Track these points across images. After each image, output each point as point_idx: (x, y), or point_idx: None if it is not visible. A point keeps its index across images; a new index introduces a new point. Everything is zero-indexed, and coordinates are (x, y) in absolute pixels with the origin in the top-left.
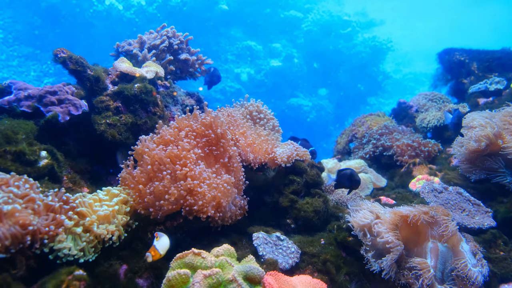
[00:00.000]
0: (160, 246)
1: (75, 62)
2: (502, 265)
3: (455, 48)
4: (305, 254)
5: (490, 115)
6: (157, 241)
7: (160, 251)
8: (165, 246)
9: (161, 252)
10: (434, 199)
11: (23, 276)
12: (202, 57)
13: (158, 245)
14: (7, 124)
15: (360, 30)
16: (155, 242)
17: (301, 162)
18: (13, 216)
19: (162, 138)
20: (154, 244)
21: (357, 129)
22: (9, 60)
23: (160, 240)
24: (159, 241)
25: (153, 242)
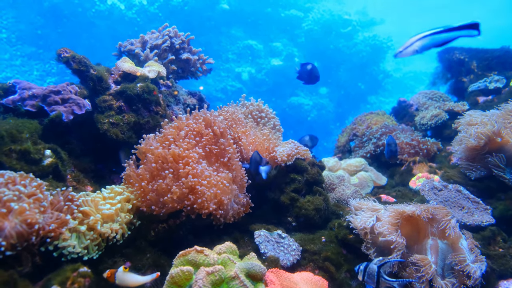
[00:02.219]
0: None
1: (78, 61)
2: (501, 262)
3: (454, 47)
4: (306, 252)
5: (490, 113)
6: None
7: (116, 279)
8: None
9: (116, 281)
10: (434, 197)
11: (29, 272)
12: (203, 56)
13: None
14: (12, 123)
15: (360, 29)
16: (120, 270)
17: (302, 161)
18: (20, 214)
19: (165, 137)
20: (118, 270)
21: (357, 127)
22: (12, 59)
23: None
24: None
25: (120, 268)
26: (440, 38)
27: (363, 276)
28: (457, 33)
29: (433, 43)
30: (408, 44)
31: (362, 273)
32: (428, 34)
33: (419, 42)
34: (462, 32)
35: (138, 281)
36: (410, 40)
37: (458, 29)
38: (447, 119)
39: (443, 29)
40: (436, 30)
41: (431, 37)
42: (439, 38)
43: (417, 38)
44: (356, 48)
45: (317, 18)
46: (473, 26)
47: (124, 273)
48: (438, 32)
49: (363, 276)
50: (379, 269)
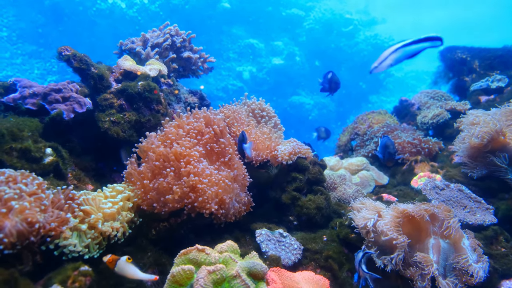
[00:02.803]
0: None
1: (79, 60)
2: (504, 261)
3: (457, 46)
4: (308, 251)
5: (492, 112)
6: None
7: (117, 267)
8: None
9: (116, 268)
10: (436, 196)
11: (29, 271)
12: (204, 55)
13: (121, 263)
14: (12, 122)
15: (362, 28)
16: (123, 259)
17: (303, 160)
18: (21, 213)
19: (166, 136)
20: (121, 259)
21: (359, 126)
22: (13, 58)
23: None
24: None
25: (123, 257)
26: (411, 50)
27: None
28: (424, 44)
29: (405, 55)
30: (383, 59)
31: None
32: (400, 46)
33: (393, 55)
34: (428, 43)
35: (137, 275)
36: (383, 54)
37: (425, 40)
38: (449, 118)
39: (411, 41)
40: (406, 43)
41: (403, 50)
42: (409, 50)
43: (390, 51)
44: (357, 47)
45: (319, 17)
46: (437, 38)
47: (126, 263)
48: (408, 44)
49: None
50: (361, 258)
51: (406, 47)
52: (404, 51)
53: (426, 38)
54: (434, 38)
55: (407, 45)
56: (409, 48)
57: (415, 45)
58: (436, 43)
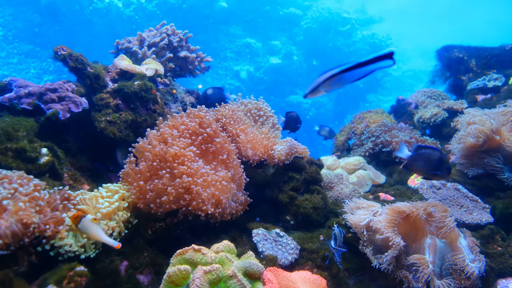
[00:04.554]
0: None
1: (75, 59)
2: (500, 260)
3: (453, 45)
4: (305, 250)
5: (488, 112)
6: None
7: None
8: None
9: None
10: (432, 195)
11: (25, 272)
12: (201, 54)
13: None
14: (7, 121)
15: (359, 27)
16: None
17: (300, 159)
18: (16, 213)
19: (162, 136)
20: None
21: (356, 126)
22: (9, 57)
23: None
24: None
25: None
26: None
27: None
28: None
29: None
30: (316, 85)
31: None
32: (338, 72)
33: (327, 82)
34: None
35: (100, 237)
36: (318, 80)
37: (372, 62)
38: (446, 117)
39: (353, 65)
40: (347, 67)
41: (341, 76)
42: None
43: (325, 77)
44: (354, 46)
45: (316, 16)
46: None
47: (91, 222)
48: (348, 69)
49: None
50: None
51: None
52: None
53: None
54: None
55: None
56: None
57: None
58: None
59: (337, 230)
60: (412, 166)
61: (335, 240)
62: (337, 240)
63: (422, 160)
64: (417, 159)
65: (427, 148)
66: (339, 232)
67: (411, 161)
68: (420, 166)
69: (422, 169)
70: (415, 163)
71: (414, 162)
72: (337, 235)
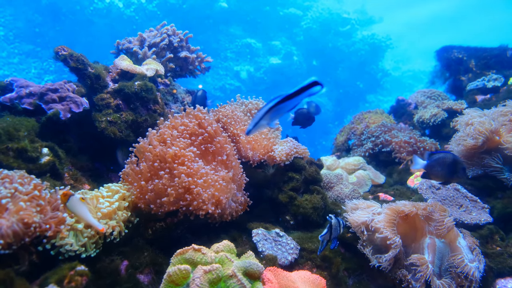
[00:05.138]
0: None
1: (76, 60)
2: (499, 260)
3: (453, 46)
4: (304, 250)
5: (487, 112)
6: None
7: (68, 202)
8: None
9: (68, 203)
10: (432, 195)
11: (26, 271)
12: (202, 55)
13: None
14: (9, 121)
15: (359, 28)
16: (77, 196)
17: (300, 160)
18: (17, 213)
19: (161, 136)
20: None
21: (355, 126)
22: (10, 57)
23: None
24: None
25: (77, 194)
26: (286, 106)
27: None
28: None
29: (280, 112)
30: (256, 120)
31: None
32: (273, 105)
33: (267, 116)
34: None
35: (86, 217)
36: (258, 115)
37: (302, 90)
38: (446, 118)
39: (285, 96)
40: (281, 99)
41: (278, 107)
42: (285, 106)
43: (263, 112)
44: (354, 46)
45: (316, 17)
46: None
47: (79, 201)
48: (282, 100)
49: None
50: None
51: (281, 105)
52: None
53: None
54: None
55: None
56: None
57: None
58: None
59: (335, 220)
60: (430, 174)
61: (330, 231)
62: (334, 231)
63: (438, 166)
64: (433, 166)
65: (439, 153)
66: (336, 222)
67: (428, 169)
68: (438, 172)
69: (440, 174)
70: (432, 170)
71: (432, 169)
72: (334, 225)
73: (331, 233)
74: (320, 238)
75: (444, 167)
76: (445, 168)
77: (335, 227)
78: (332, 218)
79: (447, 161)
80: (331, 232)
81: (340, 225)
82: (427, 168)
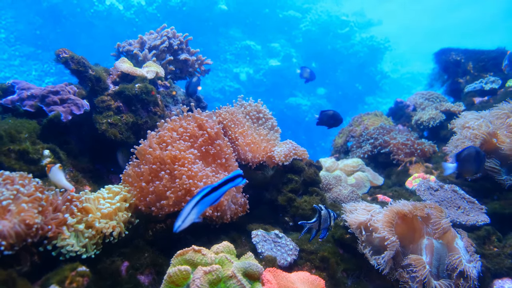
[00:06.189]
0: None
1: (76, 62)
2: (496, 261)
3: (451, 48)
4: (303, 251)
5: (484, 114)
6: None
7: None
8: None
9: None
10: (430, 197)
11: (27, 272)
12: (201, 57)
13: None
14: (10, 123)
15: (358, 30)
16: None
17: (299, 161)
18: (18, 214)
19: (161, 139)
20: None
21: (354, 128)
22: (11, 59)
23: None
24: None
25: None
26: (212, 197)
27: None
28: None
29: (207, 204)
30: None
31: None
32: (199, 199)
33: (194, 210)
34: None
35: (60, 181)
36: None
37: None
38: (444, 120)
39: (211, 189)
40: (206, 192)
41: (203, 201)
42: (211, 198)
43: (191, 206)
44: (353, 49)
45: (315, 19)
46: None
47: (57, 169)
48: (207, 193)
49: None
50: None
51: (207, 197)
52: (205, 201)
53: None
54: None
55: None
56: (210, 196)
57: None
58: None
59: (324, 211)
60: (462, 173)
61: (319, 220)
62: (323, 221)
63: (467, 163)
64: (463, 165)
65: (463, 152)
66: (326, 213)
67: (460, 169)
68: (469, 168)
69: (471, 170)
70: (463, 169)
71: (462, 169)
72: (323, 216)
73: (320, 222)
74: (304, 224)
75: (473, 161)
76: (474, 162)
77: (324, 218)
78: (322, 209)
79: (472, 155)
80: (320, 222)
81: (330, 217)
82: (459, 169)
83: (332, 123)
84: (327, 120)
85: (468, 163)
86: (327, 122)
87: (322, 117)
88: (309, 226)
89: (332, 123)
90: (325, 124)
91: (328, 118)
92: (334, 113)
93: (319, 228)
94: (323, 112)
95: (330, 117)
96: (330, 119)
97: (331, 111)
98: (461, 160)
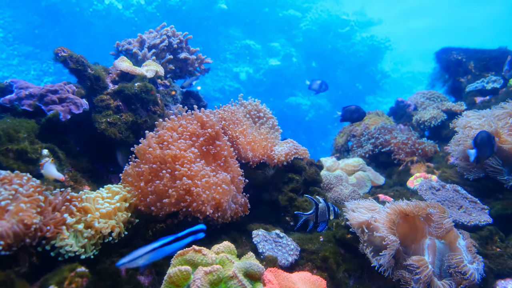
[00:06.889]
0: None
1: (75, 61)
2: (499, 261)
3: (452, 47)
4: (304, 251)
5: (485, 113)
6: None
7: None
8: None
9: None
10: (431, 196)
11: (26, 273)
12: (201, 56)
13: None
14: (9, 123)
15: (358, 29)
16: (49, 161)
17: (300, 161)
18: (17, 214)
19: (161, 138)
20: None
21: (355, 128)
22: (9, 59)
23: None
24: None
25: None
26: (170, 248)
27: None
28: (186, 240)
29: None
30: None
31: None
32: (157, 246)
33: (147, 256)
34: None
35: (51, 172)
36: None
37: (187, 235)
38: (445, 119)
39: (172, 240)
40: (165, 242)
41: (160, 250)
42: (168, 249)
43: (146, 251)
44: (354, 48)
45: (315, 18)
46: (201, 230)
47: (50, 163)
48: (167, 243)
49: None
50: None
51: (164, 248)
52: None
53: (190, 233)
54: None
55: (167, 244)
56: (169, 247)
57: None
58: (199, 235)
59: (323, 204)
60: (481, 158)
61: (316, 212)
62: (321, 214)
63: (484, 146)
64: (480, 150)
65: (477, 137)
66: (325, 206)
67: (479, 155)
68: (486, 153)
69: (488, 153)
70: (481, 155)
71: (481, 154)
72: (321, 209)
73: (317, 215)
74: (300, 215)
75: (487, 145)
76: (487, 145)
77: (322, 211)
78: (319, 201)
79: (485, 140)
80: (317, 214)
81: (329, 211)
82: (478, 154)
83: (356, 117)
84: (351, 115)
85: (484, 147)
86: (351, 117)
87: (345, 113)
88: (305, 218)
89: (356, 118)
90: (348, 119)
91: (351, 113)
92: (356, 107)
93: (317, 220)
94: (345, 108)
95: (353, 112)
96: (353, 114)
97: (353, 106)
98: (478, 145)
